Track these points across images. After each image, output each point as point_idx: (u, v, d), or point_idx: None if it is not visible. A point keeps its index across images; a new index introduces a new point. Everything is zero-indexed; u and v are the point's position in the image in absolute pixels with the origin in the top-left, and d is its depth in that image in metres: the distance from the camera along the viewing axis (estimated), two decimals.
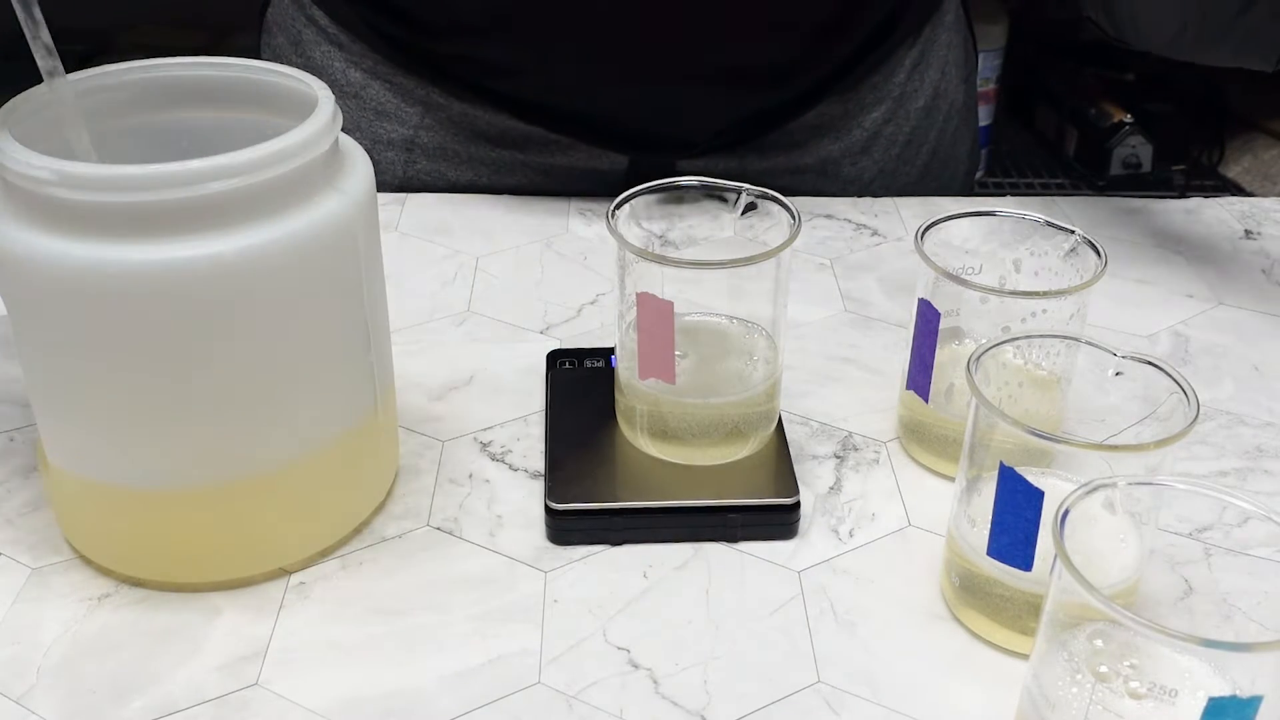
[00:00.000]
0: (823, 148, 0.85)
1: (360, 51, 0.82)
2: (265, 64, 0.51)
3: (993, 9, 1.72)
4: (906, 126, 0.86)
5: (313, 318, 0.47)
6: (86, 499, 0.50)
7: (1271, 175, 1.72)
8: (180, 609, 0.49)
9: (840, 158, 0.85)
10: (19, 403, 0.60)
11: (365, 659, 0.47)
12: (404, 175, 0.84)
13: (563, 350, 0.64)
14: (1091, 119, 1.74)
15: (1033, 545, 0.45)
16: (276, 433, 0.48)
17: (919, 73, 0.86)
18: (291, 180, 0.45)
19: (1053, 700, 0.41)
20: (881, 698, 0.46)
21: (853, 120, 0.85)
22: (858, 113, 0.85)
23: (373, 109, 0.83)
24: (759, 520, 0.53)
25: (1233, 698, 0.36)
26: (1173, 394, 0.46)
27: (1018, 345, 0.53)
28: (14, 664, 0.47)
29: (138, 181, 0.42)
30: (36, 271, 0.44)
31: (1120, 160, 1.72)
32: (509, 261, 0.75)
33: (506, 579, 0.51)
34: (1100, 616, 0.41)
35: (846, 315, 0.70)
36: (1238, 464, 0.59)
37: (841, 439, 0.60)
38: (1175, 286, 0.74)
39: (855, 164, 0.86)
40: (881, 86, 0.84)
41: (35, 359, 0.48)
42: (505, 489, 0.56)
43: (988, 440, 0.47)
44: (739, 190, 0.55)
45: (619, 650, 0.48)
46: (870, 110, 0.85)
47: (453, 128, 0.82)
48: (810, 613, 0.50)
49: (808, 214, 0.80)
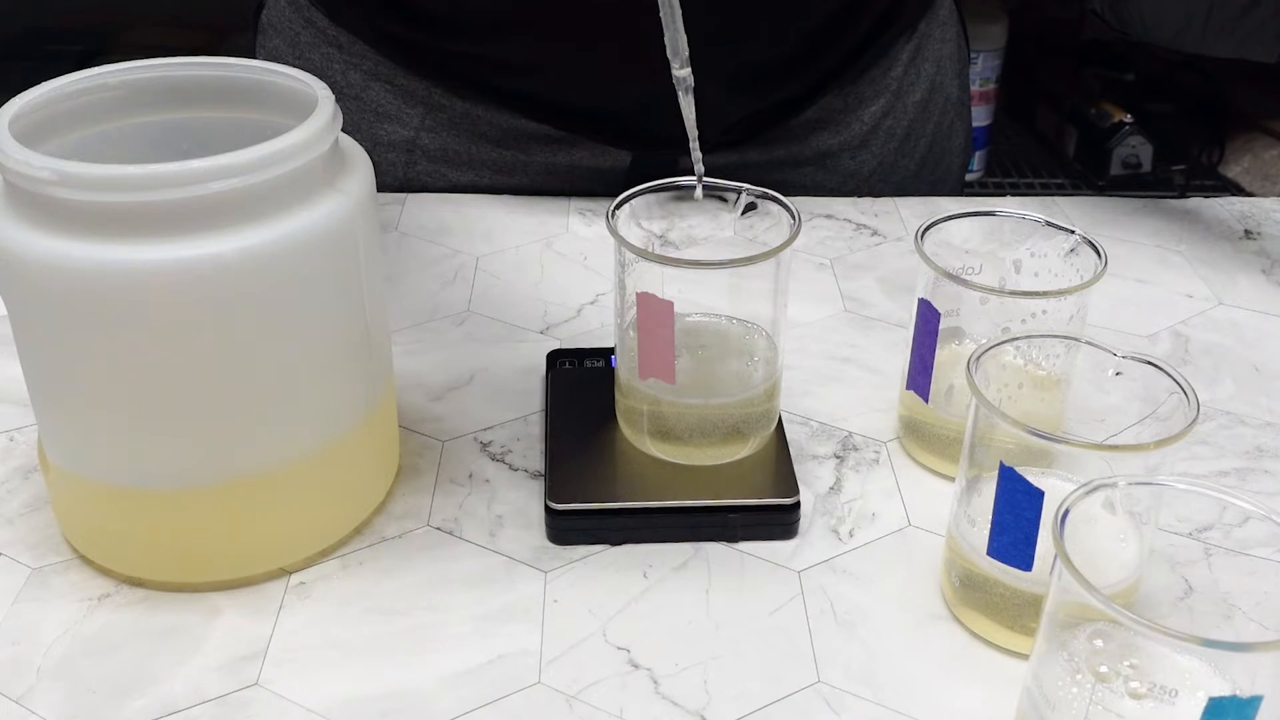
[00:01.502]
0: (822, 141, 0.85)
1: (361, 52, 0.81)
2: (265, 64, 0.51)
3: (992, 9, 1.72)
4: (904, 120, 0.87)
5: (313, 318, 0.47)
6: (86, 499, 0.50)
7: (1271, 175, 1.72)
8: (180, 609, 0.49)
9: (839, 151, 0.86)
10: (19, 403, 0.60)
11: (365, 659, 0.47)
12: (404, 177, 0.84)
13: (563, 350, 0.64)
14: (1091, 119, 1.74)
15: (1033, 545, 0.45)
16: (276, 433, 0.48)
17: (915, 66, 0.86)
18: (291, 180, 0.45)
19: (1053, 700, 0.41)
20: (881, 698, 0.46)
21: (852, 114, 0.85)
22: (856, 106, 0.85)
23: (373, 110, 0.83)
24: (759, 520, 0.53)
25: (1233, 698, 0.36)
26: (1173, 394, 0.46)
27: (1018, 345, 0.53)
28: (14, 664, 0.47)
29: (138, 181, 0.42)
30: (36, 271, 0.44)
31: (1120, 160, 1.71)
32: (509, 261, 0.75)
33: (506, 579, 0.51)
34: (1100, 616, 0.41)
35: (846, 315, 0.70)
36: (1238, 464, 0.59)
37: (841, 439, 0.60)
38: (1175, 286, 0.74)
39: (854, 157, 0.86)
40: (880, 80, 0.85)
41: (35, 359, 0.48)
42: (505, 489, 0.56)
43: (988, 440, 0.47)
44: (739, 190, 0.55)
45: (619, 650, 0.48)
46: (869, 104, 0.85)
47: (454, 129, 0.82)
48: (810, 613, 0.50)
49: (808, 214, 0.80)
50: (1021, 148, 1.85)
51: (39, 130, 0.48)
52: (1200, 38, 0.72)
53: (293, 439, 0.49)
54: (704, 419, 0.54)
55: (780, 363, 0.56)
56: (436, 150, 0.83)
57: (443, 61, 0.81)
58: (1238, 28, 0.70)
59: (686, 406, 0.54)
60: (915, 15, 0.85)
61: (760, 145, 0.84)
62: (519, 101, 0.81)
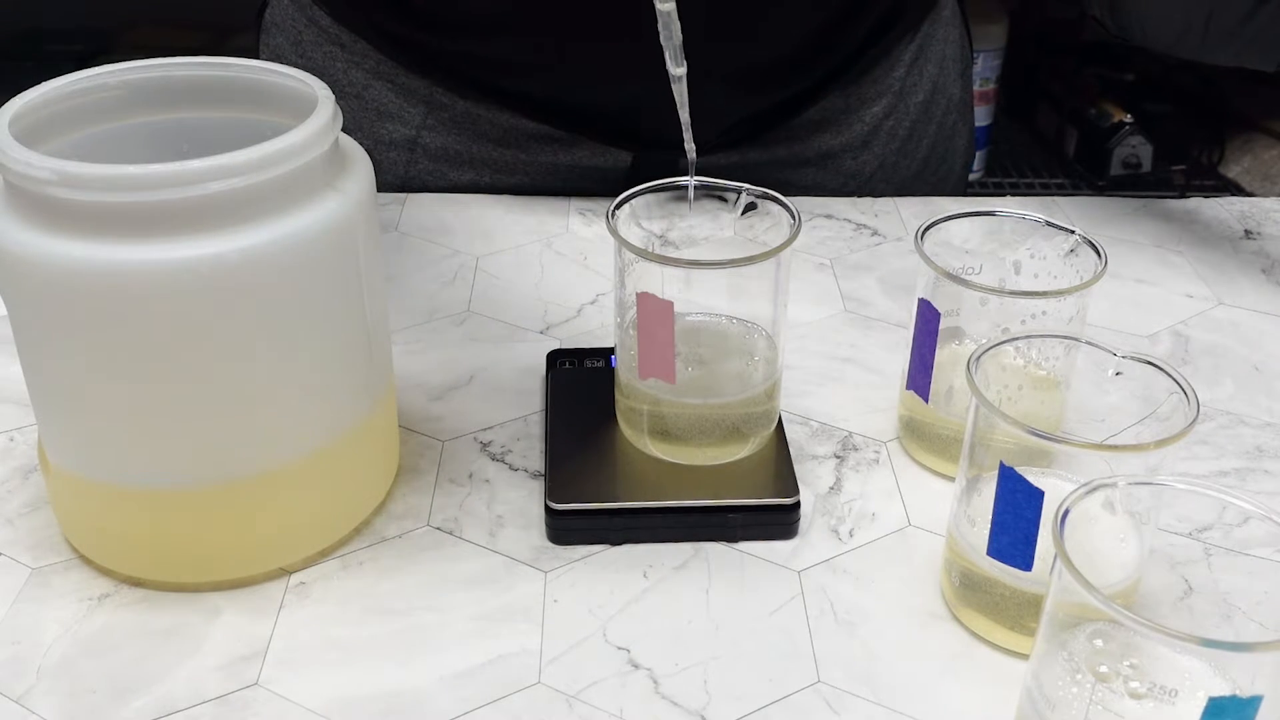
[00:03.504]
0: (824, 141, 0.85)
1: (363, 51, 0.82)
2: (265, 64, 0.51)
3: (993, 9, 1.72)
4: (906, 121, 0.87)
5: (313, 318, 0.47)
6: (86, 499, 0.49)
7: (1271, 175, 1.72)
8: (180, 609, 0.49)
9: (841, 151, 0.86)
10: (19, 403, 0.60)
11: (365, 659, 0.47)
12: (405, 175, 0.84)
13: (563, 350, 0.64)
14: (1091, 119, 1.74)
15: (1033, 545, 0.45)
16: (276, 433, 0.48)
17: (918, 67, 0.86)
18: (291, 180, 0.45)
19: (1053, 700, 0.41)
20: (881, 698, 0.46)
21: (854, 114, 0.85)
22: (858, 107, 0.85)
23: (374, 109, 0.83)
24: (759, 520, 0.53)
25: (1233, 698, 0.36)
26: (1173, 394, 0.46)
27: (1018, 345, 0.53)
28: (14, 664, 0.47)
29: (138, 181, 0.42)
30: (36, 271, 0.44)
31: (1120, 160, 1.71)
32: (509, 261, 0.75)
33: (506, 579, 0.51)
34: (1100, 616, 0.41)
35: (846, 315, 0.70)
36: (1238, 464, 0.59)
37: (841, 439, 0.60)
38: (1175, 286, 0.74)
39: (856, 157, 0.86)
40: (882, 81, 0.85)
41: (35, 359, 0.48)
42: (505, 489, 0.56)
43: (988, 440, 0.47)
44: (739, 190, 0.55)
45: (619, 650, 0.48)
46: (871, 104, 0.85)
47: (456, 128, 0.82)
48: (810, 613, 0.50)
49: (808, 214, 0.80)
50: (1021, 148, 1.85)
51: (39, 130, 0.48)
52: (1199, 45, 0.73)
53: (293, 439, 0.49)
54: (704, 419, 0.54)
55: (781, 362, 0.56)
56: (437, 149, 0.83)
57: (443, 61, 0.81)
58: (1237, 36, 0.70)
59: (687, 407, 0.54)
60: (918, 16, 0.85)
61: (761, 145, 0.84)
62: (519, 101, 0.81)
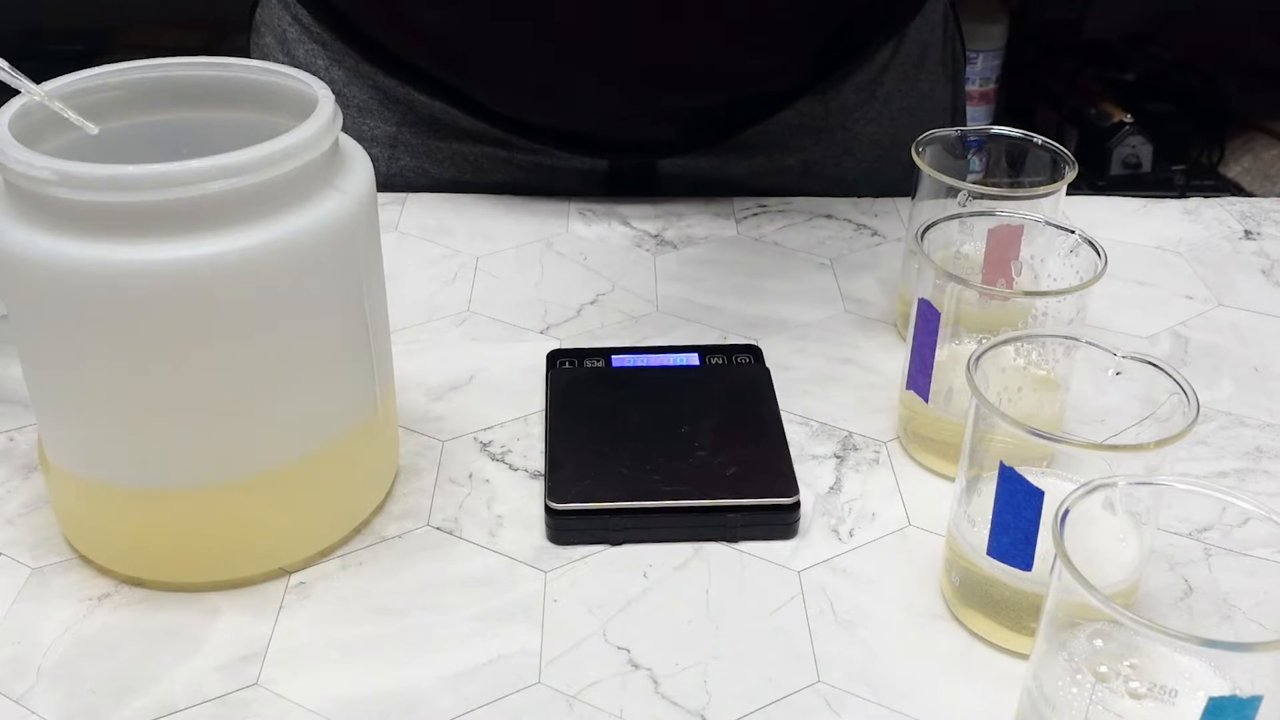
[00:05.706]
0: (805, 148, 0.84)
1: (342, 50, 0.82)
2: (265, 64, 0.51)
3: (992, 9, 1.72)
4: (890, 128, 0.85)
5: (313, 318, 0.47)
6: (86, 499, 0.50)
7: (1271, 175, 1.72)
8: (180, 609, 0.49)
9: (823, 159, 0.85)
10: (19, 403, 0.60)
11: (365, 659, 0.47)
12: (388, 172, 0.84)
13: (563, 350, 0.64)
14: (1091, 119, 1.74)
15: (1033, 545, 0.45)
16: (276, 433, 0.48)
17: (903, 73, 0.85)
18: (291, 180, 0.45)
19: (1053, 700, 0.41)
20: (881, 698, 0.46)
21: (834, 120, 0.84)
22: (840, 113, 0.84)
23: (356, 106, 0.83)
24: (759, 520, 0.53)
25: (1233, 698, 0.36)
26: (1173, 394, 0.46)
27: (1018, 346, 0.53)
28: (14, 664, 0.47)
29: (138, 181, 0.42)
30: (36, 271, 0.44)
31: (1120, 160, 1.72)
32: (509, 261, 0.75)
33: (506, 579, 0.51)
34: (1100, 616, 0.41)
35: (846, 315, 0.70)
36: (1238, 464, 0.59)
37: (841, 439, 0.60)
38: (1175, 287, 0.74)
39: (838, 165, 0.85)
40: (864, 87, 0.84)
41: (35, 359, 0.48)
42: (505, 489, 0.56)
43: (988, 440, 0.47)
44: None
45: (619, 650, 0.48)
46: (853, 111, 0.84)
47: (435, 124, 0.83)
48: (810, 613, 0.50)
49: (808, 214, 0.80)
50: None
51: (39, 130, 0.48)
52: None
53: (293, 439, 0.49)
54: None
55: None
56: (419, 145, 0.84)
57: (412, 69, 0.81)
58: None
59: None
60: (901, 21, 0.84)
61: (742, 153, 0.83)
62: (487, 116, 0.81)
